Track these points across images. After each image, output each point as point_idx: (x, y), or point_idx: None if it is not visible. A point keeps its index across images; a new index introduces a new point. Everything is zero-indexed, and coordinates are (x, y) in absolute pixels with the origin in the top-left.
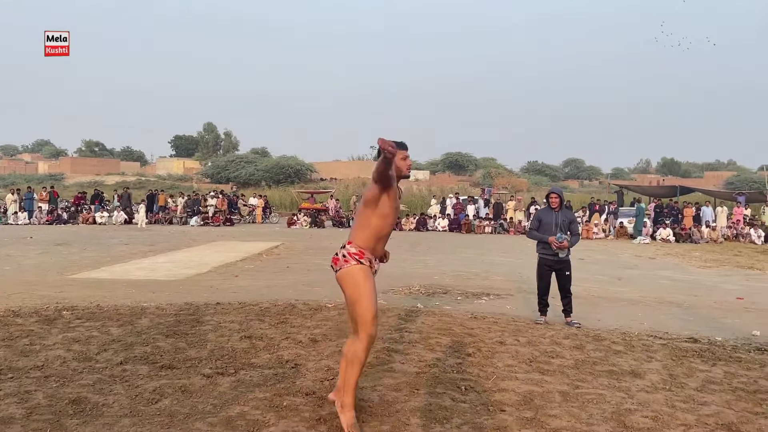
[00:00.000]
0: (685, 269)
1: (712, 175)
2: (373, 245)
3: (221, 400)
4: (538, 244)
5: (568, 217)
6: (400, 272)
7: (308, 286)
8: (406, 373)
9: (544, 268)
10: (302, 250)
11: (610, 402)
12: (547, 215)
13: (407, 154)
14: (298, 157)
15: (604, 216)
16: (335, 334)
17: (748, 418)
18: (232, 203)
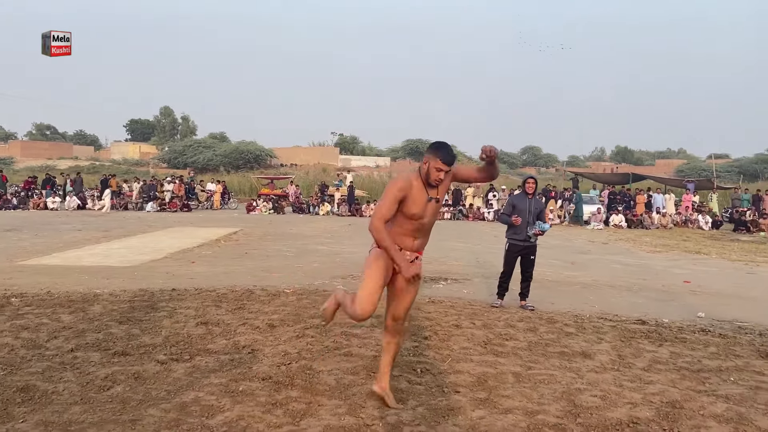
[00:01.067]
0: (636, 254)
1: (664, 163)
2: (399, 239)
3: (175, 386)
4: (509, 229)
5: (539, 205)
6: (360, 258)
7: (267, 272)
8: (363, 357)
9: (513, 254)
10: (261, 237)
11: (560, 382)
12: (522, 201)
13: (442, 167)
14: (257, 143)
15: (559, 203)
16: (293, 319)
17: (691, 396)
18: (189, 189)
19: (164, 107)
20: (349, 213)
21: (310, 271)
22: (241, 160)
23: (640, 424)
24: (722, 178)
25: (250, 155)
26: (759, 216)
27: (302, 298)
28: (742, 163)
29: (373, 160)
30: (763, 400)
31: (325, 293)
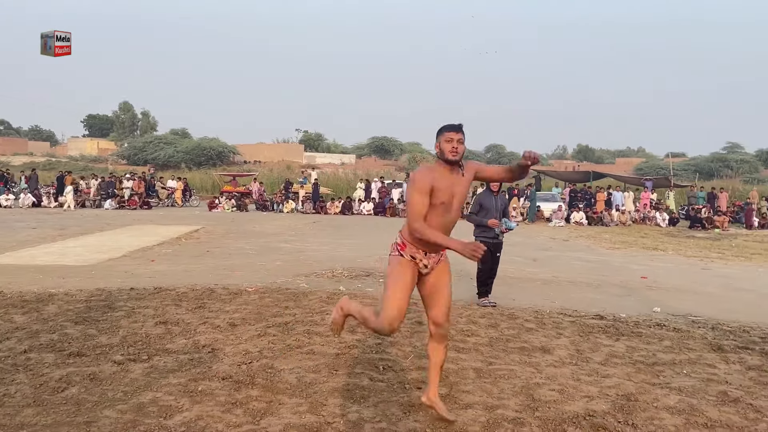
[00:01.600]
0: (595, 251)
1: (623, 162)
2: (418, 238)
3: (133, 386)
4: (477, 228)
5: (504, 203)
6: (324, 256)
7: (228, 270)
8: (325, 354)
9: (486, 252)
10: (223, 234)
11: (520, 377)
12: (488, 200)
13: (451, 136)
14: (220, 139)
15: (522, 200)
16: (255, 318)
17: (646, 388)
18: (149, 186)
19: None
20: (313, 211)
21: (273, 269)
22: (204, 156)
23: (596, 416)
24: (679, 177)
25: (212, 152)
26: (714, 213)
27: (264, 296)
28: (698, 161)
29: (339, 157)
30: (714, 391)
31: (288, 291)
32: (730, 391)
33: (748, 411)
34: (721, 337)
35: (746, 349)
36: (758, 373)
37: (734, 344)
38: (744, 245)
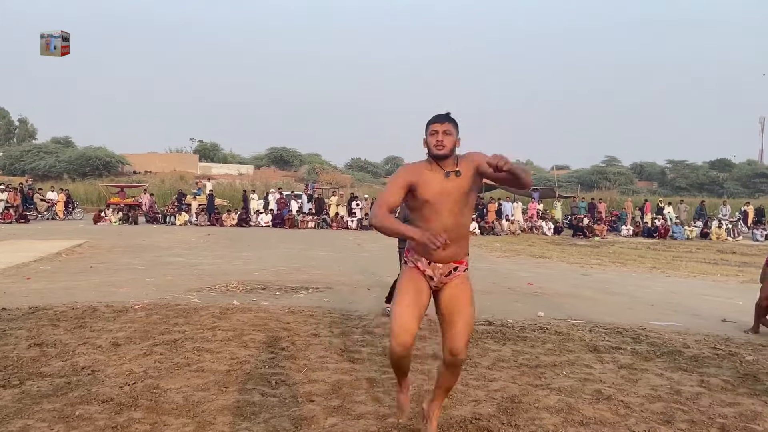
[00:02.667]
0: (487, 259)
1: None
2: (422, 245)
3: (0, 414)
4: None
5: None
6: (218, 269)
7: (113, 286)
8: (216, 371)
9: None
10: (109, 249)
11: (412, 385)
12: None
13: (436, 128)
14: (107, 148)
15: None
16: (141, 336)
17: (529, 390)
18: (26, 198)
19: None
20: (208, 223)
21: (163, 284)
22: (89, 167)
23: (482, 419)
24: (563, 188)
25: (98, 162)
26: (594, 222)
27: (152, 313)
28: (580, 174)
29: (236, 167)
30: (590, 390)
31: (178, 307)
32: (604, 389)
33: (620, 407)
34: (597, 338)
35: (619, 349)
36: (629, 372)
37: (609, 345)
38: (620, 252)
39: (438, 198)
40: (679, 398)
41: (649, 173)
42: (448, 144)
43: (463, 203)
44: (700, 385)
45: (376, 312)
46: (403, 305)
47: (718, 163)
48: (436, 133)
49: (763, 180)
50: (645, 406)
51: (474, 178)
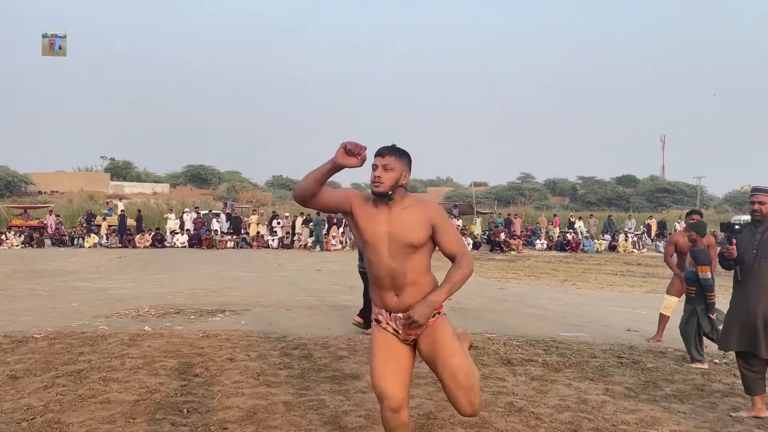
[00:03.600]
0: None
1: (434, 190)
2: (376, 293)
3: None
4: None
5: None
6: (129, 293)
7: (13, 315)
8: (123, 402)
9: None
10: (9, 274)
11: (329, 406)
12: None
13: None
14: (9, 167)
15: (341, 229)
16: (42, 368)
17: (444, 406)
18: None
19: None
20: (119, 245)
21: (68, 311)
22: None
23: None
24: (482, 204)
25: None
26: (510, 237)
27: (55, 342)
28: (498, 190)
29: (150, 186)
30: (503, 403)
31: (84, 335)
32: (516, 401)
33: (530, 419)
34: (511, 351)
35: (531, 361)
36: (540, 383)
37: (522, 357)
38: (535, 265)
39: (375, 234)
40: (585, 407)
41: (561, 189)
42: (386, 181)
43: (411, 251)
44: (605, 394)
45: (296, 333)
46: (378, 364)
47: (624, 179)
48: (375, 168)
49: (665, 194)
50: (554, 417)
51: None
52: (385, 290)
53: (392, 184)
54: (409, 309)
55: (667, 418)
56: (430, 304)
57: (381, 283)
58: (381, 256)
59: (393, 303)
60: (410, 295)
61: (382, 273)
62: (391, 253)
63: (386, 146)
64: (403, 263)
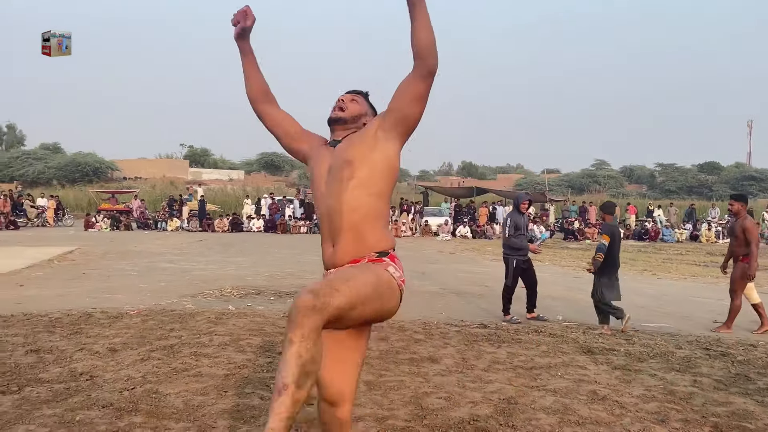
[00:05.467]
0: (480, 263)
1: (504, 178)
2: (322, 247)
3: (1, 420)
4: (513, 248)
5: (527, 219)
6: (211, 275)
7: (107, 293)
8: (214, 376)
9: (520, 270)
10: (101, 255)
11: (409, 387)
12: (520, 219)
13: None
14: (96, 154)
15: (411, 215)
16: (137, 342)
17: (525, 391)
18: (16, 204)
19: None
20: (200, 228)
21: (157, 290)
22: (78, 173)
23: (479, 420)
24: (554, 192)
25: (88, 168)
26: (585, 225)
27: (147, 319)
28: (570, 177)
29: (226, 173)
30: (585, 391)
31: (173, 313)
32: (599, 390)
33: (615, 407)
34: (591, 340)
35: (612, 350)
36: (623, 373)
37: (602, 346)
38: None
39: (321, 175)
40: (672, 398)
41: (638, 176)
42: (350, 107)
43: (349, 176)
44: (693, 385)
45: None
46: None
47: (707, 166)
48: (338, 99)
49: (751, 182)
50: (639, 406)
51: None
52: (324, 241)
53: (354, 115)
54: (348, 257)
55: (761, 411)
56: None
57: (321, 232)
58: (320, 194)
59: (328, 256)
60: (347, 246)
61: (322, 218)
62: (328, 184)
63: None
64: (338, 196)
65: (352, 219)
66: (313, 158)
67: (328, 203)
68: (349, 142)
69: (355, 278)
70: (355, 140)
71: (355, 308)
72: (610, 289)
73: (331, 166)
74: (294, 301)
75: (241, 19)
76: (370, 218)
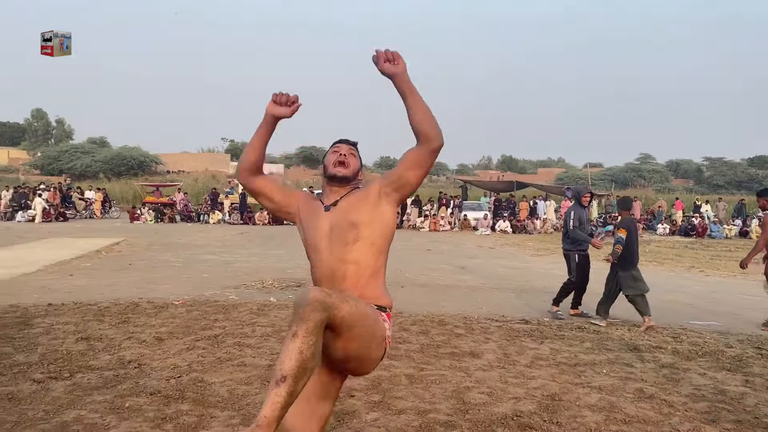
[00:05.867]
0: (520, 258)
1: (545, 172)
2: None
3: (54, 405)
4: (575, 242)
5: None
6: (253, 267)
7: (153, 283)
8: (257, 366)
9: (585, 265)
10: (146, 246)
11: (451, 381)
12: (582, 212)
13: (341, 148)
14: (141, 148)
15: (450, 209)
16: (183, 331)
17: (569, 388)
18: (65, 197)
19: (36, 109)
20: (241, 221)
21: (200, 281)
22: (124, 166)
23: (523, 416)
24: (597, 186)
25: (133, 161)
26: None
27: (192, 309)
28: (613, 171)
29: (266, 167)
30: (631, 389)
31: (217, 304)
32: (645, 388)
33: (663, 406)
34: (636, 337)
35: (659, 348)
36: (671, 371)
37: (648, 344)
38: (656, 251)
39: (316, 236)
40: (723, 398)
41: (685, 171)
42: (352, 164)
43: (354, 238)
44: (744, 385)
45: (411, 310)
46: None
47: (757, 160)
48: (340, 150)
49: None
50: (689, 405)
51: (376, 202)
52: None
53: (354, 172)
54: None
55: None
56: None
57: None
58: (321, 254)
59: None
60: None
61: (324, 275)
62: (331, 246)
63: (348, 140)
64: (343, 257)
65: (355, 278)
66: (304, 217)
67: (330, 265)
68: (351, 203)
69: (363, 305)
70: (357, 203)
71: (352, 329)
72: (633, 281)
73: (333, 227)
74: (304, 293)
75: (286, 104)
76: (372, 276)
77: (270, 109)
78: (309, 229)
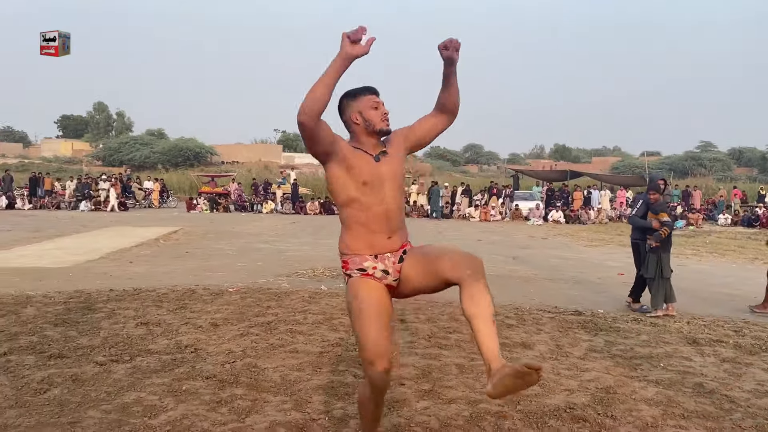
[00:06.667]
0: (573, 248)
1: (599, 161)
2: (363, 238)
3: (116, 387)
4: (644, 232)
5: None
6: (304, 256)
7: (209, 271)
8: (309, 353)
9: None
10: (202, 235)
11: None
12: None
13: (375, 100)
14: (197, 140)
15: (501, 199)
16: (237, 318)
17: (624, 381)
18: (126, 187)
19: (98, 103)
20: (293, 211)
21: (254, 269)
22: (180, 157)
23: (576, 409)
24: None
25: (189, 152)
26: (688, 210)
27: (246, 296)
28: (672, 160)
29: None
30: (690, 383)
31: (270, 291)
32: (705, 382)
33: (723, 402)
34: (696, 330)
35: (720, 342)
36: (732, 366)
37: (709, 338)
38: (717, 242)
39: (375, 180)
40: None
41: (748, 159)
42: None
43: (398, 186)
44: None
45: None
46: (375, 329)
47: None
48: (380, 105)
49: None
50: (751, 401)
51: (404, 156)
52: (376, 234)
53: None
54: (399, 245)
55: None
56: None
57: (372, 228)
58: (377, 197)
59: (384, 245)
60: (402, 235)
61: (378, 216)
62: (386, 192)
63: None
64: (396, 201)
65: (401, 217)
66: (356, 163)
67: (385, 208)
68: (393, 156)
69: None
70: (396, 156)
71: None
72: (668, 264)
73: (388, 176)
74: (476, 258)
75: (361, 40)
76: (404, 219)
77: (350, 50)
78: (365, 172)
